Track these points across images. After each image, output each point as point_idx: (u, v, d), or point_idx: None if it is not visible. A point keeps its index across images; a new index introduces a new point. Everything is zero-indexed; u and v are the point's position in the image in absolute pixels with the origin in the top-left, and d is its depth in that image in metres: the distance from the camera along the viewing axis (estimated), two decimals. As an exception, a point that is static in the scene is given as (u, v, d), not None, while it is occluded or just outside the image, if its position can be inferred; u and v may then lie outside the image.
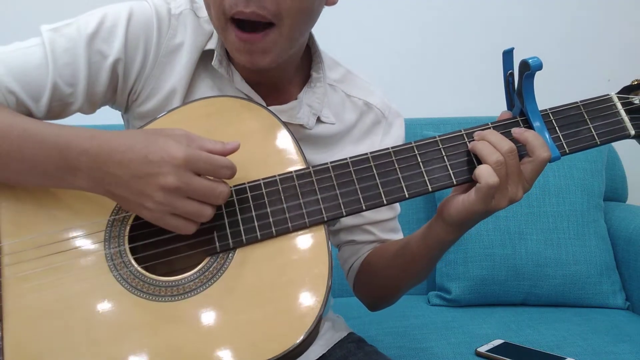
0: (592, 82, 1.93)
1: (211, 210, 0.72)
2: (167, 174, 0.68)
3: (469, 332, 1.38)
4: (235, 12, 0.77)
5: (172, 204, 0.70)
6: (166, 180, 0.68)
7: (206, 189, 0.70)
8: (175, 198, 0.69)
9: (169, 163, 0.69)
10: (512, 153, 0.75)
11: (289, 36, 0.80)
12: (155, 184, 0.69)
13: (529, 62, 0.74)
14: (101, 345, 0.70)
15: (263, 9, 0.76)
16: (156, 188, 0.69)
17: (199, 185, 0.70)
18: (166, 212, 0.70)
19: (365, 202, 0.77)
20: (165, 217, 0.71)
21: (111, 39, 0.83)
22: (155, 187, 0.69)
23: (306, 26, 0.84)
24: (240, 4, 0.76)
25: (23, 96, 0.79)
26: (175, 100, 0.87)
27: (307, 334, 0.69)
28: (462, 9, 1.98)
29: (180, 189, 0.69)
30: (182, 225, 0.71)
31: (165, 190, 0.69)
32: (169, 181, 0.68)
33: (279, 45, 0.80)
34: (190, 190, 0.70)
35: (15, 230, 0.75)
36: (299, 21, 0.80)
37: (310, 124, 0.92)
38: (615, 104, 0.81)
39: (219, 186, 0.72)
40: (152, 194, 0.69)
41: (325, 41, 0.98)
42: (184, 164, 0.69)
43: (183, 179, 0.69)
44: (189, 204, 0.70)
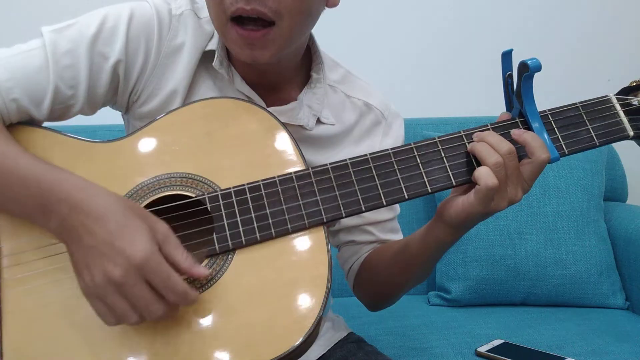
0: (592, 82, 1.94)
1: (136, 319, 0.68)
2: (116, 266, 0.65)
3: (469, 332, 1.38)
4: (236, 9, 0.77)
5: (104, 293, 0.67)
6: (111, 270, 0.65)
7: (142, 299, 0.67)
8: (110, 289, 0.66)
9: (125, 257, 0.66)
10: (511, 154, 0.75)
11: (288, 35, 0.80)
12: (102, 267, 0.66)
13: (527, 64, 0.74)
14: (100, 346, 0.70)
15: (264, 6, 0.76)
16: (100, 270, 0.66)
17: (139, 294, 0.66)
18: (96, 294, 0.67)
19: (365, 203, 0.77)
20: (93, 298, 0.68)
21: (112, 40, 0.83)
22: (100, 269, 0.66)
23: (306, 26, 0.84)
24: (241, 1, 0.76)
25: (25, 101, 0.79)
26: (176, 101, 0.87)
27: (307, 335, 0.69)
28: (463, 9, 1.97)
29: (119, 285, 0.66)
30: (104, 313, 0.68)
31: (106, 276, 0.66)
32: (113, 273, 0.65)
33: (278, 43, 0.80)
34: (126, 291, 0.66)
35: (14, 231, 0.75)
36: (299, 21, 0.80)
37: (310, 124, 0.92)
38: (614, 105, 0.81)
39: (155, 304, 0.67)
40: (94, 273, 0.66)
41: (326, 41, 0.98)
42: (137, 266, 0.66)
43: (127, 278, 0.66)
44: (120, 301, 0.67)
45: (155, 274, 0.66)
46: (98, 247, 0.67)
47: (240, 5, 0.76)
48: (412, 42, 1.97)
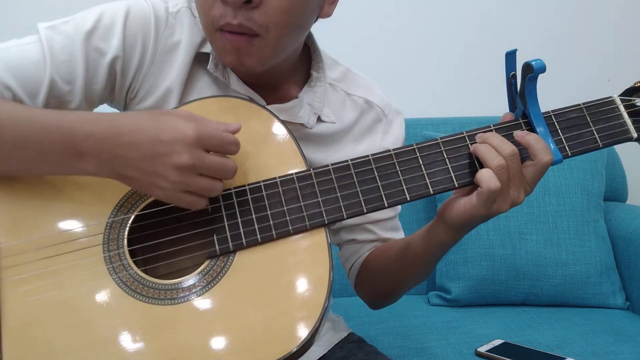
0: (592, 82, 1.94)
1: (221, 185, 0.73)
2: (180, 153, 0.68)
3: (469, 332, 1.38)
4: (224, 24, 0.76)
5: (186, 182, 0.70)
6: (180, 159, 0.69)
7: (218, 164, 0.71)
8: (189, 176, 0.70)
9: (181, 142, 0.69)
10: (514, 157, 0.74)
11: (274, 47, 0.79)
12: (169, 163, 0.69)
13: (532, 65, 0.74)
14: (100, 348, 0.70)
15: (250, 20, 0.76)
16: (170, 167, 0.69)
17: (211, 162, 0.71)
18: (180, 189, 0.70)
19: (366, 204, 0.77)
20: (179, 195, 0.71)
21: (109, 36, 0.83)
22: (169, 167, 0.69)
23: (294, 38, 0.83)
24: (229, 16, 0.76)
25: (20, 92, 0.79)
26: (172, 98, 0.87)
27: (308, 336, 0.69)
28: (464, 9, 1.97)
29: (194, 166, 0.69)
30: (195, 201, 0.72)
31: (179, 168, 0.69)
32: (183, 159, 0.69)
33: (264, 53, 0.79)
34: (203, 167, 0.70)
35: (13, 232, 0.75)
36: (286, 33, 0.79)
37: (310, 123, 0.91)
38: (618, 106, 0.81)
39: (229, 162, 0.72)
40: (166, 173, 0.69)
41: (326, 41, 0.98)
42: (195, 142, 0.69)
43: (196, 156, 0.69)
44: (202, 180, 0.71)
45: (212, 138, 0.71)
46: (151, 152, 0.69)
47: (227, 20, 0.76)
48: (412, 42, 1.97)
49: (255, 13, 0.75)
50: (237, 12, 0.75)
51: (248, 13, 0.75)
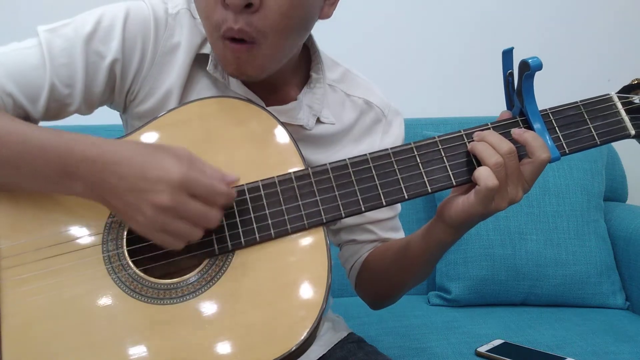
0: (592, 82, 1.93)
1: (200, 233, 0.71)
2: (161, 192, 0.68)
3: (469, 332, 1.38)
4: (227, 30, 0.76)
5: (162, 222, 0.69)
6: (159, 199, 0.68)
7: (199, 213, 0.70)
8: (166, 217, 0.69)
9: (165, 182, 0.68)
10: (511, 154, 0.74)
11: (274, 52, 0.79)
12: (148, 200, 0.68)
13: (528, 62, 0.74)
14: (99, 348, 0.70)
15: (250, 25, 0.75)
16: (148, 204, 0.68)
17: (192, 208, 0.69)
18: (155, 228, 0.70)
19: (365, 203, 0.77)
20: (154, 232, 0.70)
21: (108, 39, 0.82)
22: (148, 203, 0.68)
23: (294, 41, 0.83)
24: (230, 20, 0.75)
25: (20, 98, 0.79)
26: (172, 100, 0.87)
27: (307, 336, 0.69)
28: (463, 9, 1.97)
29: (173, 209, 0.68)
30: (170, 241, 0.71)
31: (156, 208, 0.68)
32: (162, 200, 0.68)
33: (263, 60, 0.79)
34: (182, 211, 0.69)
35: (13, 232, 0.75)
36: (286, 37, 0.79)
37: (310, 124, 0.91)
38: (615, 103, 0.81)
39: (211, 211, 0.71)
40: (144, 210, 0.69)
41: (326, 42, 0.98)
42: (179, 185, 0.68)
43: (177, 199, 0.68)
44: (180, 224, 0.69)
45: (198, 184, 0.70)
46: (135, 186, 0.69)
47: (229, 25, 0.75)
48: (412, 42, 1.97)
49: (254, 17, 0.75)
50: (238, 16, 0.75)
51: (248, 17, 0.75)
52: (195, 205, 0.70)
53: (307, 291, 0.72)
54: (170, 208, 0.68)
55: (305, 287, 0.72)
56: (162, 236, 0.70)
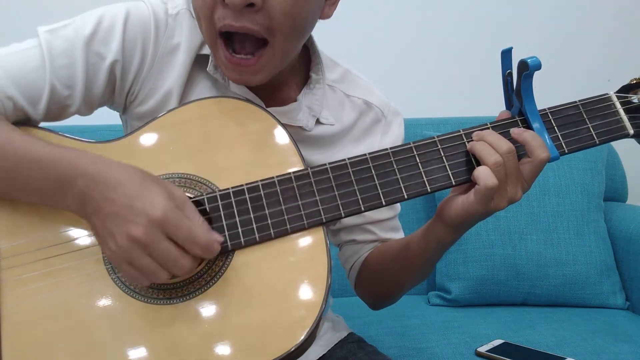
0: (592, 82, 1.93)
1: (166, 276, 0.69)
2: (138, 225, 0.67)
3: (469, 332, 1.38)
4: (224, 25, 0.75)
5: (130, 254, 0.68)
6: (135, 231, 0.67)
7: (168, 255, 0.68)
8: (136, 250, 0.67)
9: (146, 215, 0.67)
10: (510, 154, 0.74)
11: (281, 53, 0.79)
12: (125, 230, 0.67)
13: (527, 62, 0.74)
14: (99, 348, 0.70)
15: (255, 23, 0.75)
16: (123, 233, 0.67)
17: (164, 249, 0.68)
18: (123, 258, 0.68)
19: (364, 203, 0.77)
20: (121, 262, 0.69)
21: (108, 40, 0.82)
22: (123, 233, 0.67)
23: (298, 42, 0.83)
24: (229, 17, 0.75)
25: (21, 101, 0.79)
26: (172, 100, 0.87)
27: (307, 335, 0.69)
28: (462, 8, 1.97)
29: (144, 244, 0.67)
30: (134, 275, 0.69)
31: (130, 239, 0.67)
32: (136, 232, 0.67)
33: (270, 66, 0.79)
34: (153, 249, 0.67)
35: (13, 233, 0.75)
36: (291, 37, 0.79)
37: (309, 125, 0.91)
38: (614, 103, 0.81)
39: (182, 258, 0.69)
40: (117, 237, 0.68)
41: (326, 42, 0.98)
42: (158, 222, 0.67)
43: (150, 236, 0.67)
44: (147, 261, 0.68)
45: (177, 228, 0.68)
46: (118, 212, 0.68)
47: (228, 22, 0.75)
48: (412, 42, 1.97)
49: (258, 16, 0.75)
50: (240, 15, 0.74)
51: (251, 16, 0.75)
52: (168, 247, 0.68)
53: (307, 291, 0.72)
54: (141, 242, 0.67)
55: (305, 287, 0.72)
56: (128, 269, 0.69)
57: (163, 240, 0.67)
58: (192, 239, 0.68)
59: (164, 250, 0.68)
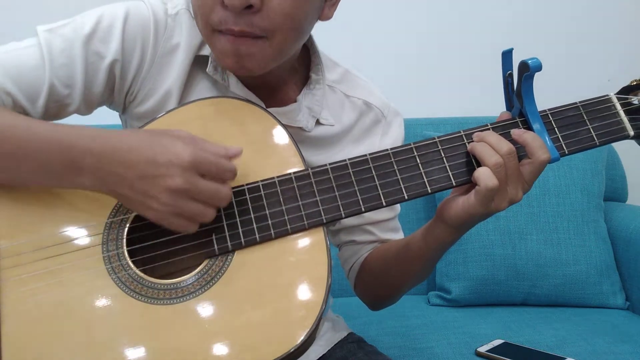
0: (592, 82, 1.93)
1: (214, 212, 0.72)
2: (174, 176, 0.68)
3: (469, 332, 1.38)
4: (224, 30, 0.75)
5: (178, 205, 0.70)
6: (173, 182, 0.69)
7: (211, 191, 0.71)
8: (181, 199, 0.69)
9: (176, 164, 0.69)
10: (511, 155, 0.75)
11: (277, 50, 0.79)
12: (162, 185, 0.69)
13: (528, 63, 0.74)
14: (99, 348, 0.70)
15: (253, 26, 0.75)
16: (162, 189, 0.69)
17: (205, 187, 0.70)
18: (171, 212, 0.70)
19: (364, 203, 0.77)
20: (170, 217, 0.71)
21: (108, 39, 0.82)
22: (162, 189, 0.69)
23: (296, 42, 0.82)
24: (230, 22, 0.75)
25: (20, 97, 0.79)
26: (171, 100, 0.87)
27: (307, 336, 0.69)
28: (462, 9, 1.98)
29: (187, 191, 0.69)
30: (185, 225, 0.71)
31: (171, 191, 0.69)
32: (176, 183, 0.69)
33: (265, 56, 0.79)
34: (196, 192, 0.70)
35: (12, 233, 0.75)
36: (289, 38, 0.78)
37: (309, 126, 0.91)
38: (615, 104, 0.81)
39: (224, 189, 0.72)
40: (158, 195, 0.69)
41: (326, 42, 0.98)
42: (190, 166, 0.69)
43: (190, 180, 0.69)
44: (194, 205, 0.70)
45: (208, 164, 0.71)
46: (145, 173, 0.69)
47: (229, 26, 0.75)
48: (412, 42, 1.97)
49: (256, 18, 0.74)
50: (239, 18, 0.74)
51: (250, 18, 0.74)
52: (207, 184, 0.71)
53: (307, 291, 0.72)
54: (184, 190, 0.69)
55: (305, 288, 0.72)
56: (178, 220, 0.71)
57: (200, 179, 0.70)
58: (223, 167, 0.72)
59: (205, 188, 0.70)
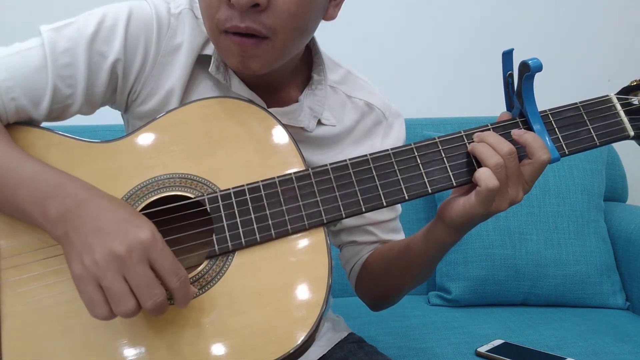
0: (592, 82, 1.94)
1: (133, 306, 0.64)
2: (123, 242, 0.64)
3: (469, 332, 1.38)
4: (231, 27, 0.75)
5: (104, 272, 0.64)
6: (118, 247, 0.64)
7: (146, 281, 0.64)
8: (112, 267, 0.64)
9: (133, 235, 0.65)
10: (511, 155, 0.75)
11: (281, 50, 0.79)
12: (107, 244, 0.64)
13: (528, 64, 0.74)
14: (99, 348, 0.70)
15: (259, 23, 0.75)
16: (104, 247, 0.64)
17: (142, 273, 0.64)
18: (92, 277, 0.64)
19: (365, 204, 0.77)
20: (88, 283, 0.65)
21: (111, 39, 0.82)
22: (104, 247, 0.64)
23: (300, 41, 0.83)
24: (236, 19, 0.75)
25: (24, 101, 0.79)
26: (173, 100, 0.87)
27: (307, 336, 0.69)
28: (462, 8, 1.97)
29: (123, 262, 0.64)
30: (95, 300, 0.65)
31: (110, 253, 0.64)
32: (119, 249, 0.64)
33: (270, 55, 0.79)
34: (131, 269, 0.64)
35: (13, 233, 0.75)
36: (293, 37, 0.79)
37: (311, 126, 0.91)
38: (615, 104, 0.81)
39: (157, 288, 0.65)
40: (95, 251, 0.64)
41: (327, 42, 0.98)
42: (143, 245, 0.65)
43: (133, 255, 0.64)
44: (118, 282, 0.64)
45: (161, 254, 0.66)
46: (104, 227, 0.66)
47: (234, 23, 0.75)
48: (412, 42, 1.97)
49: (263, 16, 0.75)
50: (244, 15, 0.74)
51: (256, 16, 0.75)
52: (146, 271, 0.64)
53: (308, 292, 0.72)
54: (121, 259, 0.64)
55: (306, 288, 0.72)
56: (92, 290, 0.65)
57: (143, 263, 0.64)
58: (175, 268, 0.66)
59: (140, 273, 0.64)
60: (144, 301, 0.65)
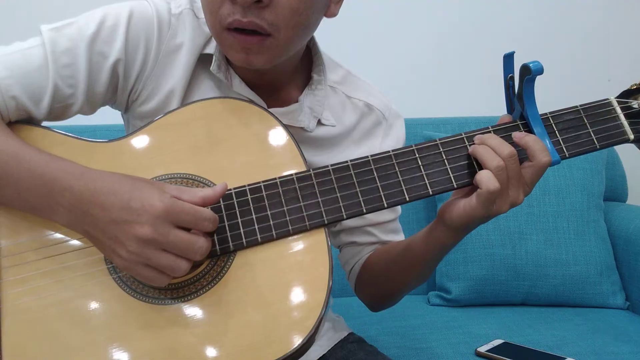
0: (592, 82, 1.94)
1: (187, 265, 0.68)
2: (143, 224, 0.66)
3: (469, 332, 1.38)
4: (233, 21, 0.76)
5: (145, 255, 0.67)
6: (142, 230, 0.66)
7: (184, 243, 0.67)
8: (149, 249, 0.67)
9: (148, 212, 0.66)
10: (512, 158, 0.75)
11: (284, 45, 0.79)
12: (131, 233, 0.66)
13: (530, 66, 0.74)
14: (99, 348, 0.70)
15: (261, 18, 0.75)
16: (130, 236, 0.66)
17: (177, 238, 0.67)
18: (138, 262, 0.67)
19: (366, 205, 0.77)
20: (137, 267, 0.68)
21: (112, 39, 0.83)
22: (130, 236, 0.66)
23: (303, 37, 0.83)
24: (238, 13, 0.75)
25: (24, 100, 0.79)
26: (174, 100, 0.87)
27: (307, 337, 0.69)
28: (463, 9, 1.97)
29: (155, 241, 0.66)
30: (153, 277, 0.68)
31: (139, 240, 0.66)
32: (144, 231, 0.66)
33: (273, 51, 0.79)
34: (166, 242, 0.67)
35: (13, 232, 0.75)
36: (296, 33, 0.79)
37: (311, 126, 0.91)
38: (615, 108, 0.81)
39: (199, 240, 0.69)
40: (126, 242, 0.67)
41: (328, 42, 0.98)
42: (163, 215, 0.66)
43: (160, 230, 0.66)
44: (164, 256, 0.67)
45: (182, 213, 0.68)
46: (117, 217, 0.67)
47: (237, 17, 0.75)
48: (413, 43, 1.97)
49: (265, 12, 0.75)
50: (247, 11, 0.75)
51: (258, 12, 0.75)
52: (180, 235, 0.67)
53: (308, 292, 0.72)
54: (152, 240, 0.66)
55: (306, 288, 0.72)
56: (146, 271, 0.68)
57: (172, 230, 0.67)
58: (200, 217, 0.69)
59: (177, 240, 0.67)
60: (193, 257, 0.69)
